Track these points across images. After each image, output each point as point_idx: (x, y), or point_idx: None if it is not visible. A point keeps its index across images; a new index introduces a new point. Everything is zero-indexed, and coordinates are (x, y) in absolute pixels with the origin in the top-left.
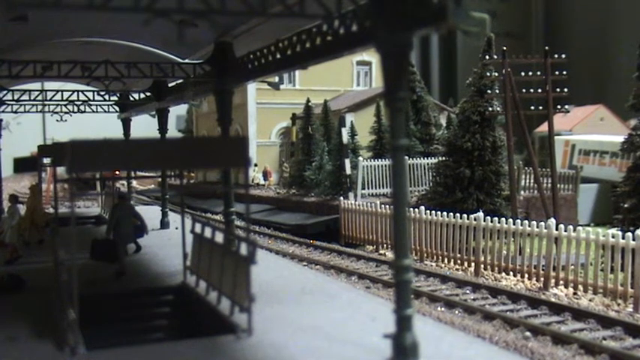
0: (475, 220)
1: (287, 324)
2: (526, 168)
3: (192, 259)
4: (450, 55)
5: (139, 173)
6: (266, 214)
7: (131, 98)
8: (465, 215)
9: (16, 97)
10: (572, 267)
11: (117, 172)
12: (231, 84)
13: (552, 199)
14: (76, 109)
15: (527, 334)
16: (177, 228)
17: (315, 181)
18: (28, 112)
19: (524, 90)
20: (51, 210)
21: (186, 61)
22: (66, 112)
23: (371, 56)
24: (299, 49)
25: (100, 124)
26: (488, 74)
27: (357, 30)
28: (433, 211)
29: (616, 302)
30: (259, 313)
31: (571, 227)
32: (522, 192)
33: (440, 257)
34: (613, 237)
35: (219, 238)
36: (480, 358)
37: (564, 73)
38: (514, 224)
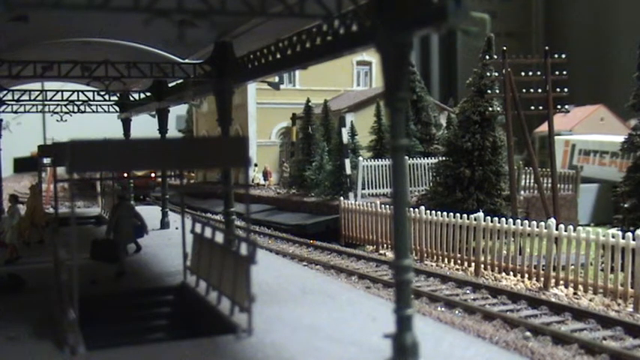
0: (475, 220)
1: (287, 324)
2: (526, 168)
3: (193, 259)
4: (450, 55)
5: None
6: (266, 214)
7: (131, 98)
8: (465, 215)
9: (16, 97)
10: (572, 267)
11: (152, 175)
12: (231, 84)
13: (552, 199)
14: (76, 109)
15: (528, 334)
16: (177, 228)
17: (315, 181)
18: (28, 112)
19: (524, 90)
20: (51, 210)
21: (186, 61)
22: (66, 112)
23: (371, 56)
24: (299, 49)
25: (100, 124)
26: (488, 74)
27: (357, 30)
28: (433, 211)
29: (616, 302)
30: (259, 313)
31: (571, 227)
32: (522, 192)
33: (440, 257)
34: (613, 237)
35: (220, 238)
36: (480, 358)
37: (564, 73)
38: (514, 224)
